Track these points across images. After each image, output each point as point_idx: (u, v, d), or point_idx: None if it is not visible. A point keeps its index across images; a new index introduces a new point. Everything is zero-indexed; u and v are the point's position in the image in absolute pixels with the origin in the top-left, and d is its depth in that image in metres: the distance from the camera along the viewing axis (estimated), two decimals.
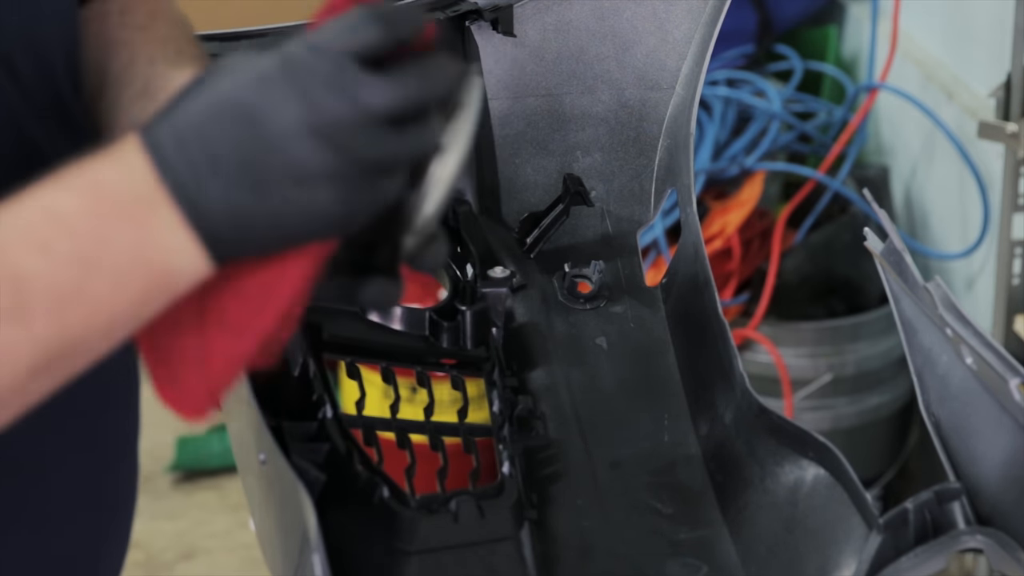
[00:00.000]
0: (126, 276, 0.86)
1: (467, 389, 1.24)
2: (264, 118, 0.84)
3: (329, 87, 0.84)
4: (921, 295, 1.07)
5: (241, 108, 0.84)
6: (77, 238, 0.84)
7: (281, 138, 0.84)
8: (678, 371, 1.29)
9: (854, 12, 3.06)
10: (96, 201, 0.85)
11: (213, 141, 0.84)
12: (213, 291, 0.90)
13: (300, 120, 0.84)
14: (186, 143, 0.85)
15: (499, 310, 1.29)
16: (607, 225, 1.40)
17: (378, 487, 1.09)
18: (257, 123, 0.84)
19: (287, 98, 0.84)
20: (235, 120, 0.84)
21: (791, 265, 2.65)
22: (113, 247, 0.85)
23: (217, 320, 0.91)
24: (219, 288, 0.90)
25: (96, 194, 0.85)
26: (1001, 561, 1.03)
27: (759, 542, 1.15)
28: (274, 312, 0.90)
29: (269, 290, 0.89)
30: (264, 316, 0.90)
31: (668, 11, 1.37)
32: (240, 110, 0.84)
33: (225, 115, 0.85)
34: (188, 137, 0.85)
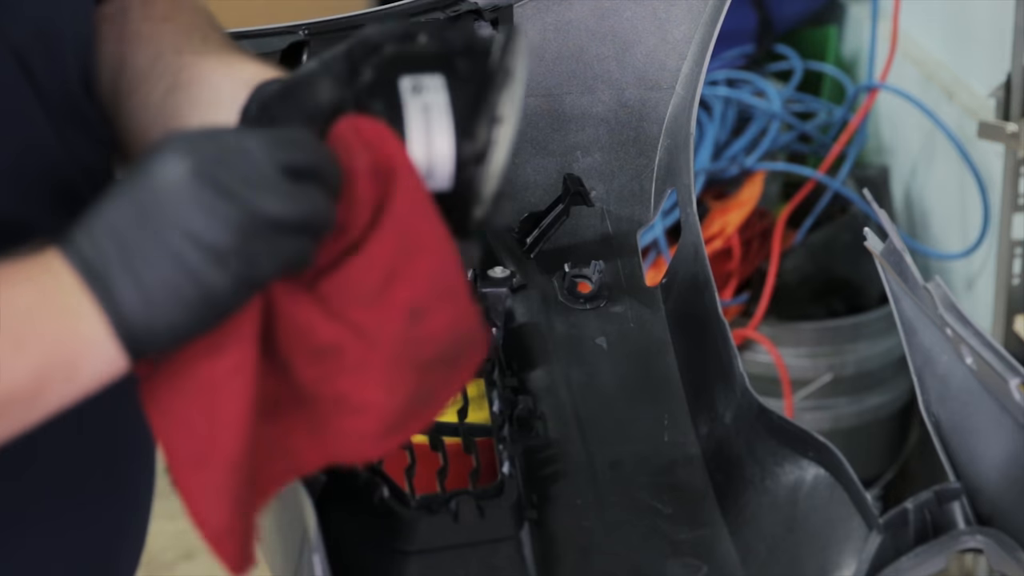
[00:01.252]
0: (27, 342, 0.85)
1: (467, 389, 1.24)
2: (163, 197, 0.86)
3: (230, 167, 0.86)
4: (921, 295, 1.07)
5: (142, 189, 0.86)
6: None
7: (177, 216, 0.85)
8: (678, 371, 1.29)
9: (854, 12, 3.06)
10: (9, 261, 0.86)
11: (112, 219, 0.86)
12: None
13: (198, 199, 0.85)
14: (87, 222, 0.86)
15: (499, 310, 1.29)
16: (607, 225, 1.40)
17: (378, 487, 1.09)
18: (155, 202, 0.86)
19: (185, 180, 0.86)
20: (133, 201, 0.86)
21: (791, 265, 2.65)
22: (13, 309, 0.85)
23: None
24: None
25: (9, 259, 0.86)
26: (1001, 561, 1.03)
27: (759, 542, 1.15)
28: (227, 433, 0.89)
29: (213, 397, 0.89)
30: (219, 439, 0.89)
31: (668, 11, 1.37)
32: (141, 191, 0.86)
33: (124, 199, 0.86)
34: (90, 219, 0.86)
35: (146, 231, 0.86)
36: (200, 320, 0.87)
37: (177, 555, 2.90)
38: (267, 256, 0.87)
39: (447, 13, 1.34)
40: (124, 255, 0.86)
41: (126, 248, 0.86)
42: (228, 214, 0.85)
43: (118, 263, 0.86)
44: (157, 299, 0.86)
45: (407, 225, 0.90)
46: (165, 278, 0.85)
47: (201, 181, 0.86)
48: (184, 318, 0.86)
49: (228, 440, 0.88)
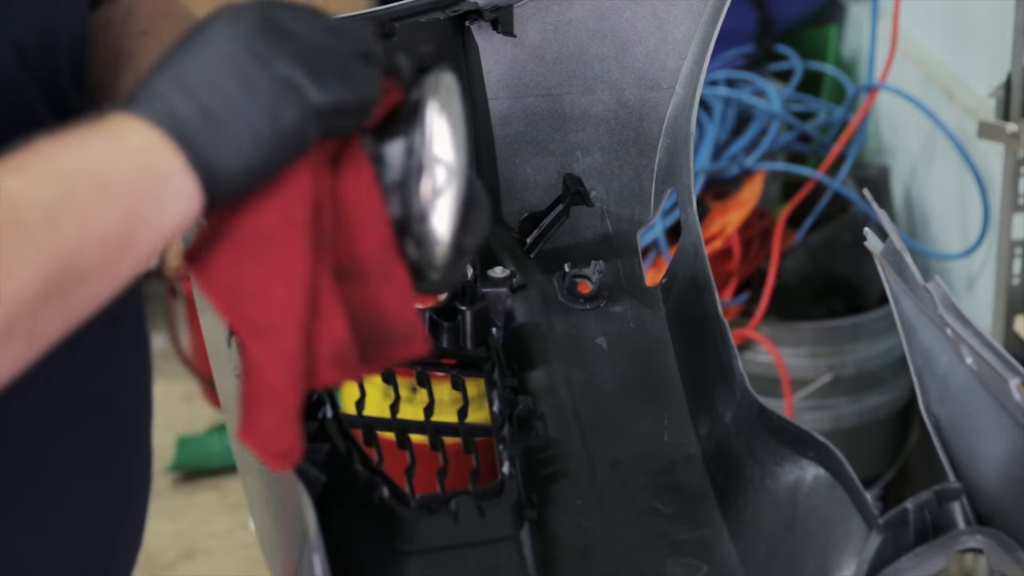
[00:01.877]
0: (111, 182, 0.86)
1: (467, 389, 1.24)
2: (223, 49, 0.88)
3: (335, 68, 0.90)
4: (921, 295, 1.07)
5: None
6: (49, 158, 0.86)
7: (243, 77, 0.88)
8: (678, 371, 1.29)
9: (854, 12, 3.06)
10: (67, 132, 0.87)
11: (175, 73, 0.88)
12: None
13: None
14: (148, 81, 0.88)
15: (499, 310, 1.29)
16: (607, 225, 1.40)
17: (378, 487, 1.09)
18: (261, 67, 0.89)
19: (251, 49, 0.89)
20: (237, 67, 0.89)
21: (791, 265, 2.65)
22: (89, 158, 0.86)
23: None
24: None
25: (68, 130, 0.87)
26: (1001, 561, 1.03)
27: (759, 542, 1.15)
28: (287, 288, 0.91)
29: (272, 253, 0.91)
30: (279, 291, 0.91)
31: (668, 11, 1.37)
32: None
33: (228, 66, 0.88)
34: (154, 77, 0.88)
35: (212, 65, 0.88)
36: (271, 158, 0.89)
37: (177, 555, 2.90)
38: (333, 88, 0.90)
39: (447, 13, 1.34)
40: (192, 93, 0.88)
41: (193, 87, 0.88)
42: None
43: (187, 100, 0.88)
44: (231, 131, 0.88)
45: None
46: (238, 106, 0.88)
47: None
48: (257, 153, 0.89)
49: (290, 300, 0.91)
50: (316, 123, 0.90)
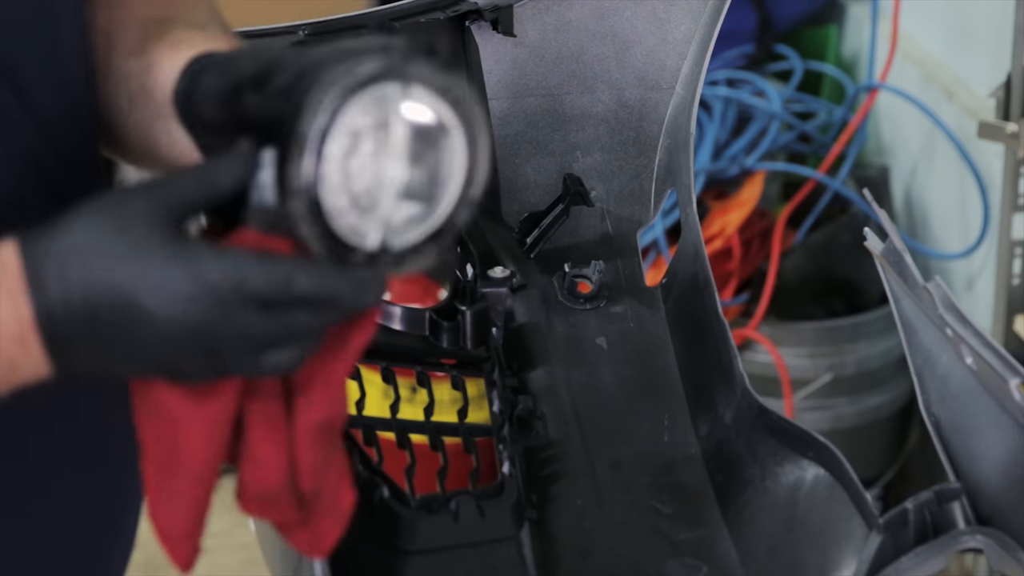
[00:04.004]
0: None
1: (467, 389, 1.24)
2: (151, 316, 0.86)
3: (219, 311, 0.86)
4: (921, 295, 1.07)
5: (132, 304, 0.86)
6: None
7: (160, 339, 0.87)
8: (678, 371, 1.29)
9: (854, 12, 3.06)
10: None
11: (98, 317, 0.87)
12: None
13: (179, 326, 0.86)
14: (69, 307, 0.87)
15: (499, 310, 1.29)
16: (607, 225, 1.40)
17: (378, 487, 1.09)
18: (143, 315, 0.86)
19: (176, 308, 0.86)
20: (125, 309, 0.87)
21: (791, 265, 2.65)
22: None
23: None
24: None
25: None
26: (1001, 561, 1.03)
27: (759, 542, 1.15)
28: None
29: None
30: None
31: (668, 11, 1.37)
32: (131, 305, 0.87)
33: (116, 302, 0.86)
34: (73, 304, 0.87)
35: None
36: (120, 367, 0.91)
37: None
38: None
39: (447, 13, 1.34)
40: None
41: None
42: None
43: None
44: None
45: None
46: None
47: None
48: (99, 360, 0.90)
49: (193, 459, 0.93)
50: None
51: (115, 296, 0.86)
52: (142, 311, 0.86)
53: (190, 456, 0.92)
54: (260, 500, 0.94)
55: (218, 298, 0.86)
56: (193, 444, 0.91)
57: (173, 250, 0.86)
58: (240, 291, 0.86)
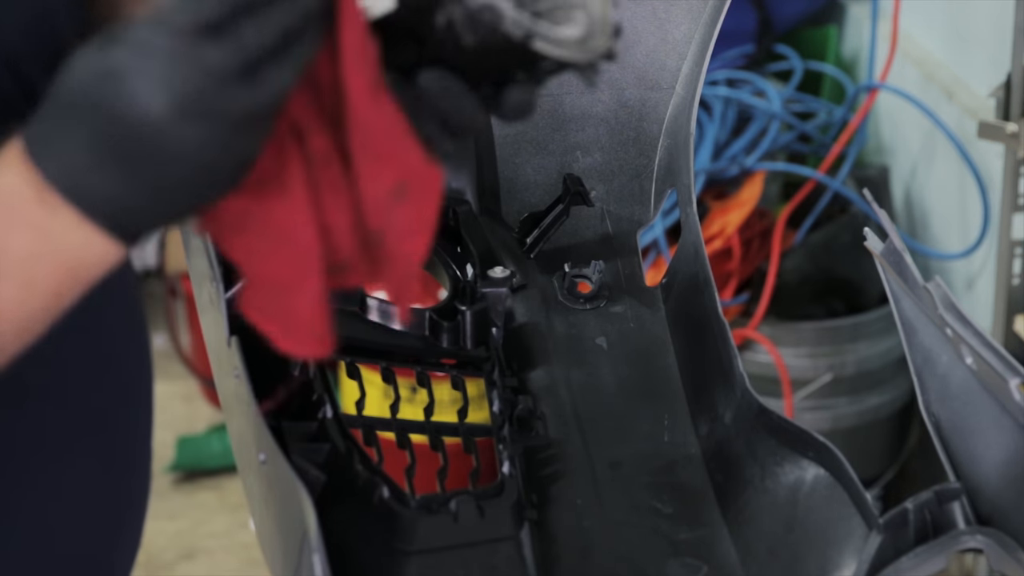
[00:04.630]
0: (34, 278, 0.86)
1: (467, 389, 1.24)
2: (121, 110, 0.84)
3: (174, 63, 0.84)
4: (921, 295, 1.07)
5: (97, 107, 0.84)
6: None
7: (141, 125, 0.84)
8: (678, 371, 1.29)
9: (854, 12, 3.06)
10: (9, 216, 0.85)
11: (81, 141, 0.85)
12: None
13: (154, 103, 0.84)
14: (56, 145, 0.85)
15: (499, 310, 1.29)
16: (607, 225, 1.40)
17: (378, 487, 1.09)
18: (116, 117, 0.84)
19: (138, 85, 0.84)
20: (94, 119, 0.84)
21: (791, 265, 2.65)
22: (17, 256, 0.85)
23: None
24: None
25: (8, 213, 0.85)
26: (1001, 561, 1.03)
27: (759, 542, 1.15)
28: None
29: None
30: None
31: (668, 11, 1.37)
32: (96, 109, 0.84)
33: (85, 115, 0.84)
34: (56, 140, 0.85)
35: (122, 153, 0.85)
36: (197, 209, 0.87)
37: (177, 555, 2.90)
38: (247, 137, 0.86)
39: None
40: (107, 177, 0.85)
41: (107, 170, 0.85)
42: (196, 122, 0.84)
43: (103, 186, 0.85)
44: (154, 210, 0.86)
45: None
46: (154, 195, 0.85)
47: (163, 95, 0.84)
48: (179, 215, 0.87)
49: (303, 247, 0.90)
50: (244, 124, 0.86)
51: (91, 115, 0.84)
52: (115, 112, 0.83)
53: (300, 248, 0.90)
54: (334, 271, 0.92)
55: (175, 55, 0.83)
56: (296, 233, 0.89)
57: (112, 44, 0.84)
58: (192, 30, 0.84)
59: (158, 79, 0.83)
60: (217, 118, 0.84)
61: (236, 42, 0.84)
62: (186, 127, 0.84)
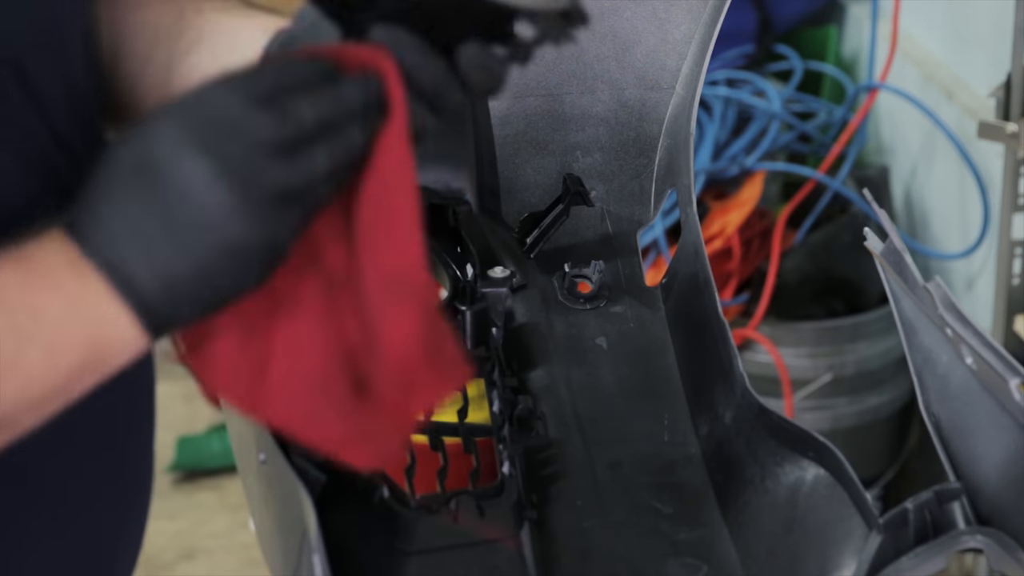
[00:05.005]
0: (60, 349, 0.86)
1: (467, 389, 1.24)
2: (167, 175, 0.86)
3: (221, 130, 0.86)
4: (921, 295, 1.07)
5: (144, 170, 0.86)
6: (10, 310, 0.85)
7: (185, 191, 0.85)
8: (678, 371, 1.29)
9: (854, 12, 3.06)
10: (25, 273, 0.86)
11: (123, 208, 0.86)
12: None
13: (200, 168, 0.85)
14: (99, 212, 0.86)
15: (499, 310, 1.29)
16: (607, 225, 1.40)
17: (378, 487, 1.09)
18: (161, 181, 0.86)
19: (184, 152, 0.86)
20: (140, 184, 0.86)
21: (791, 265, 2.65)
22: (46, 320, 0.86)
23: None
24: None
25: (25, 267, 0.86)
26: (1001, 561, 1.03)
27: (759, 542, 1.15)
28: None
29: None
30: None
31: (668, 11, 1.37)
32: (144, 172, 0.86)
33: (130, 182, 0.86)
34: (100, 207, 0.86)
35: (158, 216, 0.86)
36: (225, 296, 0.88)
37: (177, 555, 2.90)
38: (280, 217, 0.87)
39: None
40: (142, 245, 0.86)
41: (142, 237, 0.86)
42: (232, 187, 0.86)
43: (136, 254, 0.86)
44: (180, 289, 0.87)
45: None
46: (184, 266, 0.86)
47: (202, 158, 0.86)
48: (206, 299, 0.88)
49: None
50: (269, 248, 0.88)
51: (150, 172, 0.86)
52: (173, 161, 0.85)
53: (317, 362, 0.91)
54: (401, 382, 0.93)
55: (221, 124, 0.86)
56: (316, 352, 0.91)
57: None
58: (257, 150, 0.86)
59: (200, 146, 0.85)
60: (249, 188, 0.86)
61: (284, 116, 0.87)
62: (218, 193, 0.86)
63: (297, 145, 0.87)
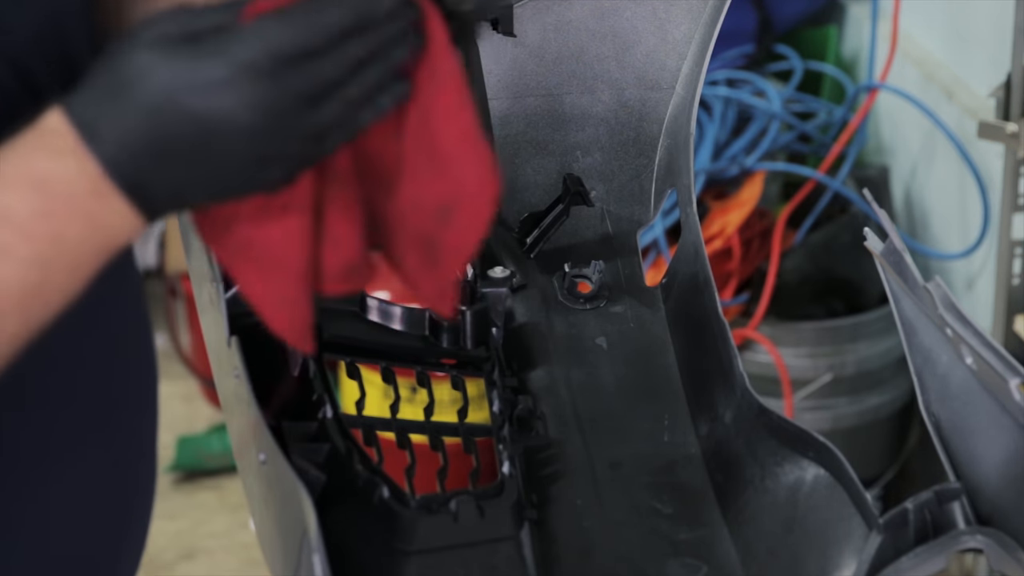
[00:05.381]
0: (82, 265, 0.90)
1: (467, 389, 1.24)
2: (204, 116, 0.87)
3: (266, 87, 0.87)
4: (921, 295, 1.07)
5: (176, 109, 0.87)
6: (35, 241, 0.88)
7: (220, 132, 0.87)
8: (678, 371, 1.29)
9: (854, 12, 3.06)
10: (47, 201, 0.88)
11: (146, 135, 0.88)
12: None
13: (241, 119, 0.87)
14: (117, 136, 0.88)
15: (499, 310, 1.29)
16: (607, 225, 1.40)
17: (378, 487, 1.09)
18: (195, 120, 0.87)
19: (228, 100, 0.87)
20: (169, 118, 0.87)
21: (791, 265, 2.65)
22: (69, 244, 0.89)
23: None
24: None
25: (46, 193, 0.88)
26: (1001, 561, 1.03)
27: (759, 542, 1.15)
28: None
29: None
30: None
31: (668, 11, 1.37)
32: (175, 110, 0.87)
33: (156, 112, 0.87)
34: (117, 131, 0.88)
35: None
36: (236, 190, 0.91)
37: (177, 555, 2.90)
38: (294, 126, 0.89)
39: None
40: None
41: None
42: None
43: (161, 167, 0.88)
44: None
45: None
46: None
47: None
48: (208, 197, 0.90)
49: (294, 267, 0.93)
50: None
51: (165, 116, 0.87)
52: (196, 117, 0.87)
53: (291, 266, 0.94)
54: (344, 275, 0.96)
55: (261, 72, 0.87)
56: (290, 258, 0.93)
57: (195, 50, 0.87)
58: (277, 55, 0.87)
59: (249, 99, 0.87)
60: (290, 134, 0.88)
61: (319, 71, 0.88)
62: (260, 143, 0.88)
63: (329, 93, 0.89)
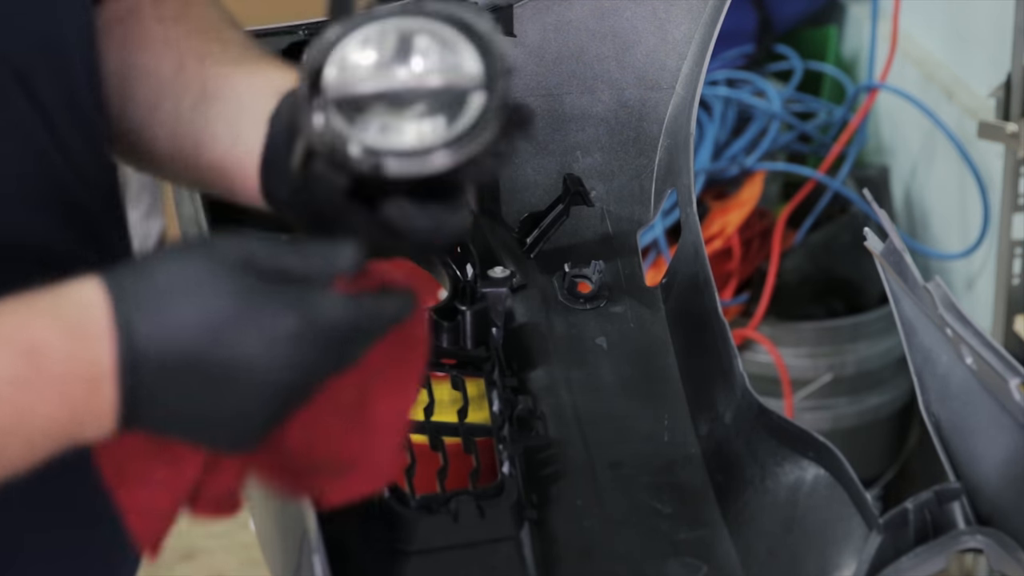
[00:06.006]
0: (38, 447, 0.85)
1: (467, 389, 1.24)
2: (234, 373, 0.85)
3: (301, 351, 0.86)
4: (921, 295, 1.07)
5: (230, 354, 0.84)
6: (2, 406, 0.82)
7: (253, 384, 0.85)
8: (678, 371, 1.29)
9: (854, 12, 3.06)
10: (30, 371, 0.83)
11: (187, 371, 0.84)
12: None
13: (282, 378, 0.86)
14: (157, 358, 0.84)
15: (499, 310, 1.29)
16: (607, 225, 1.40)
17: None
18: (230, 379, 0.85)
19: (277, 355, 0.85)
20: (220, 365, 0.85)
21: (791, 265, 2.65)
22: (35, 422, 0.84)
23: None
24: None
25: (32, 363, 0.83)
26: (1001, 561, 1.03)
27: (759, 542, 1.15)
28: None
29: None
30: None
31: (668, 11, 1.37)
32: (227, 356, 0.84)
33: (211, 356, 0.84)
34: (163, 355, 0.84)
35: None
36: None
37: (177, 555, 2.90)
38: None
39: None
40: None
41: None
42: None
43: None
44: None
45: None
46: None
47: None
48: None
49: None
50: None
51: (208, 351, 0.83)
52: (246, 358, 0.84)
53: (177, 486, 0.92)
54: (218, 502, 0.93)
55: (331, 339, 0.86)
56: (179, 483, 0.91)
57: (271, 298, 0.85)
58: (350, 332, 0.87)
59: (297, 362, 0.85)
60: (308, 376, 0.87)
61: (351, 355, 0.88)
62: (276, 402, 0.87)
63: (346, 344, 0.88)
